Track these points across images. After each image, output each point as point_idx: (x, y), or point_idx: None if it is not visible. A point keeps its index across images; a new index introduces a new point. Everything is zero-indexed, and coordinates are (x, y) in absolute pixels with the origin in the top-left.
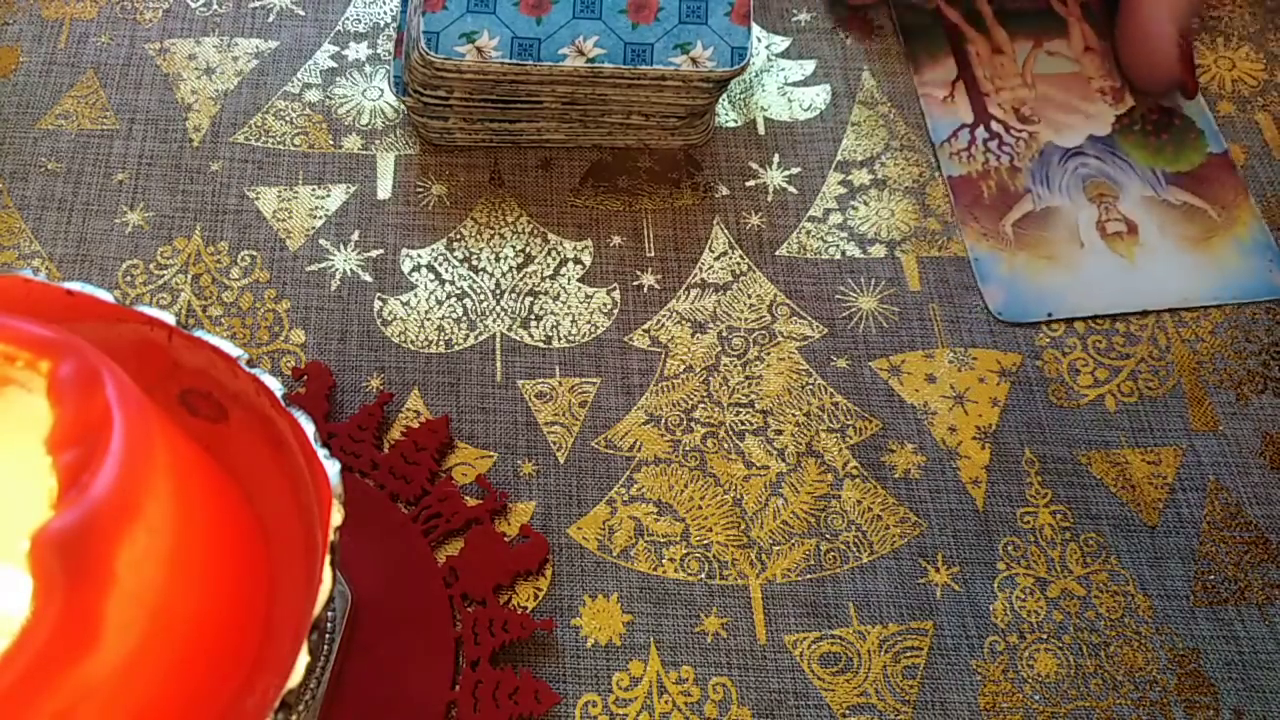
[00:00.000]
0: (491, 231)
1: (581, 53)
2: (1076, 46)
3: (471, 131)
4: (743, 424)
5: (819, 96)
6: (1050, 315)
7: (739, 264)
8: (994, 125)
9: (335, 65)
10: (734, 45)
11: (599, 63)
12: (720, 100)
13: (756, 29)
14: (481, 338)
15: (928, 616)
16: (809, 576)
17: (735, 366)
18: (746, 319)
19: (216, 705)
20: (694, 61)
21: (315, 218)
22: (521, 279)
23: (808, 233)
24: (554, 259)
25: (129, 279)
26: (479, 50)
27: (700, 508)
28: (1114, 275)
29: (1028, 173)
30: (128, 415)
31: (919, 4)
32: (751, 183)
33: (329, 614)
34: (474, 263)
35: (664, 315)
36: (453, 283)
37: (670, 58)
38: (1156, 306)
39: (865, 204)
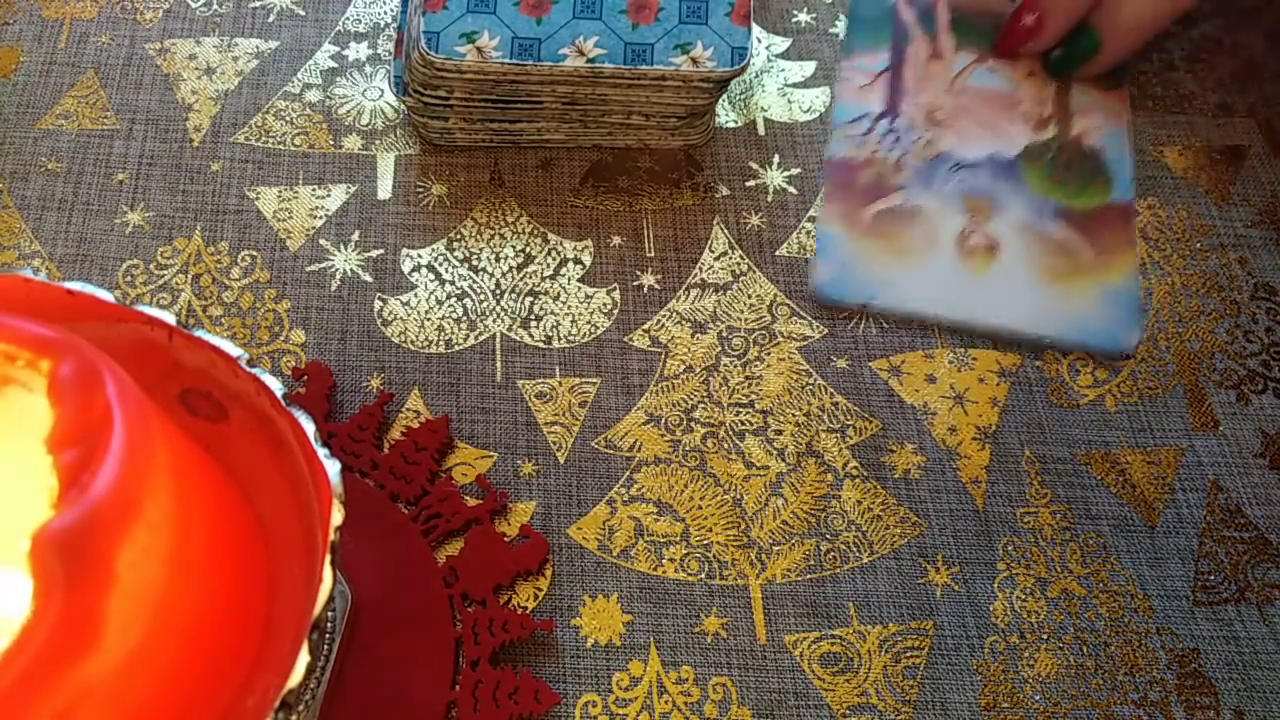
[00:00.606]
0: (492, 231)
1: (582, 53)
2: (1021, 69)
3: (472, 131)
4: (743, 424)
5: (819, 98)
6: (870, 300)
7: (739, 264)
8: (898, 121)
9: (335, 65)
10: (734, 45)
11: (599, 63)
12: (720, 101)
13: (757, 30)
14: (481, 338)
15: (928, 616)
16: (809, 576)
17: (735, 366)
18: (746, 319)
19: (217, 705)
20: (694, 62)
21: (315, 218)
22: (521, 279)
23: (808, 233)
24: (554, 259)
25: (129, 279)
26: (479, 50)
27: (700, 508)
28: (954, 283)
29: (911, 170)
30: (128, 415)
31: None
32: (751, 183)
33: (329, 614)
34: (474, 263)
35: (664, 315)
36: (453, 283)
37: (670, 58)
38: (984, 323)
39: None
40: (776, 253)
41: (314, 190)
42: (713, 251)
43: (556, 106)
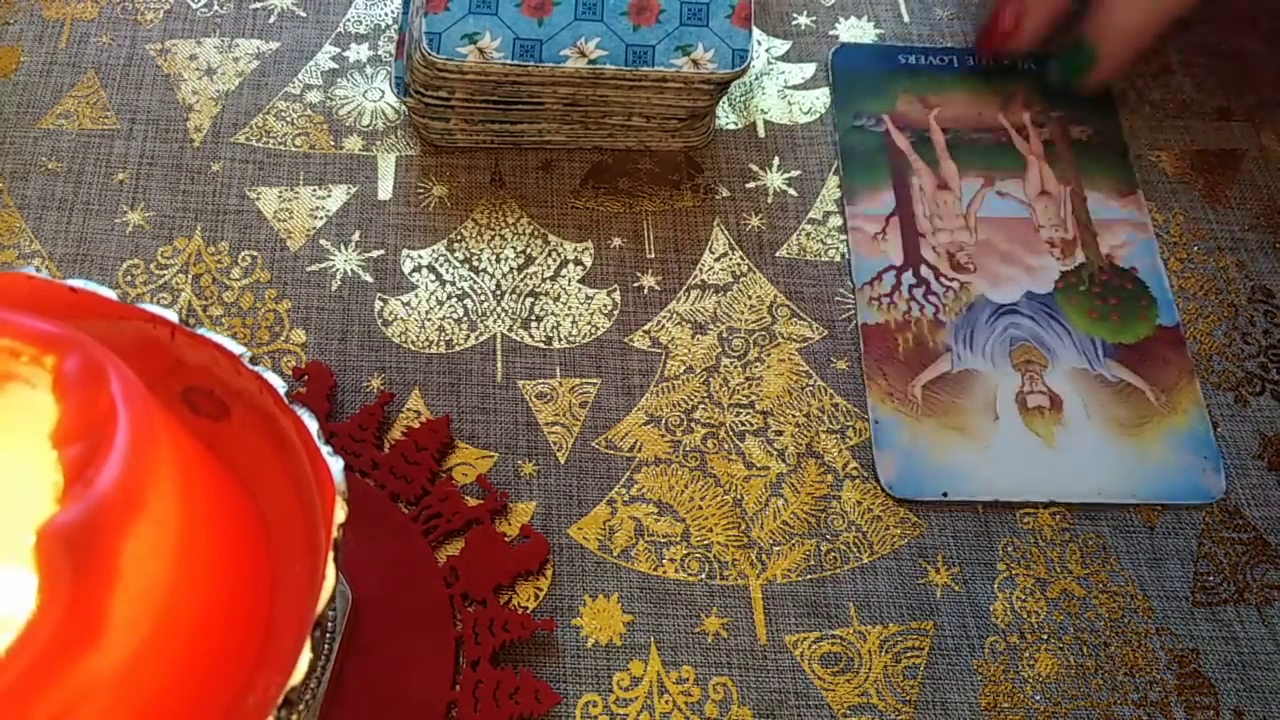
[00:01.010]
0: (492, 232)
1: (583, 54)
2: (1032, 188)
3: (473, 133)
4: (743, 425)
5: (819, 100)
6: (945, 495)
7: (739, 265)
8: (924, 270)
9: (336, 66)
10: (735, 47)
11: (600, 64)
12: (720, 103)
13: (757, 32)
14: (482, 338)
15: (928, 617)
16: (809, 577)
17: (735, 367)
18: (747, 320)
19: (219, 702)
20: (695, 63)
21: (316, 218)
22: (522, 280)
23: (807, 235)
24: (554, 260)
25: (129, 279)
26: (481, 51)
27: (700, 508)
28: (1026, 457)
29: (951, 328)
30: (132, 410)
31: (868, 126)
32: (751, 185)
33: (331, 612)
34: (475, 263)
35: (664, 316)
36: (453, 283)
37: (671, 59)
38: (1066, 499)
39: None
40: (777, 254)
41: (314, 191)
42: (713, 253)
43: (557, 108)
